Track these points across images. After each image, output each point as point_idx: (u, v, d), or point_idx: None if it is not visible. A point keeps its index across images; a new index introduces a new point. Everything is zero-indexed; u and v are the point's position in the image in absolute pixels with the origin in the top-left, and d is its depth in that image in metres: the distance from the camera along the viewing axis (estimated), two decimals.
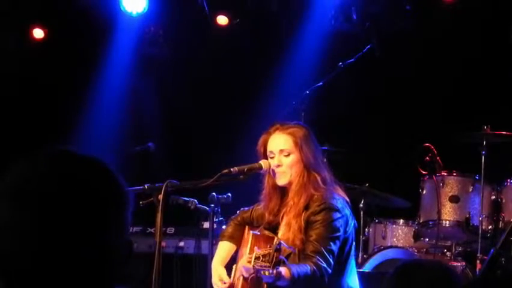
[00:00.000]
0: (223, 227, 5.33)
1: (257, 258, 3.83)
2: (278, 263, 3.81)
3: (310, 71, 7.46)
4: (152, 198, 4.01)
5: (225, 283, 4.16)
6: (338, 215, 4.04)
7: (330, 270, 3.95)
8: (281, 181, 4.15)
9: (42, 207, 1.47)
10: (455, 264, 6.02)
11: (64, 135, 7.80)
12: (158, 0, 8.11)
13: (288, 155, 4.12)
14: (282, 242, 3.84)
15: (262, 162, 4.18)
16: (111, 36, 8.19)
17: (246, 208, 4.41)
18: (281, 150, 4.13)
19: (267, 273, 3.66)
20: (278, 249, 3.79)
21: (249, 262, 3.84)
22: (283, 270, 3.74)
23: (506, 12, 7.25)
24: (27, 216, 1.47)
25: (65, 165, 1.53)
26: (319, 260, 3.92)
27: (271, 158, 4.16)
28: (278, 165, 4.13)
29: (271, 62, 7.91)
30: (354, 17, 7.69)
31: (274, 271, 3.68)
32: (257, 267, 3.73)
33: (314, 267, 3.89)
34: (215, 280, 4.23)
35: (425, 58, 7.58)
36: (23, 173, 1.52)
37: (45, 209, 1.47)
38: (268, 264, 3.78)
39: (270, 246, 3.85)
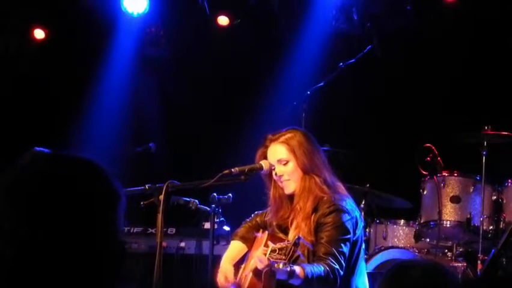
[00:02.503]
0: (224, 227, 5.34)
1: (273, 251, 3.72)
2: (294, 257, 3.75)
3: (311, 72, 7.46)
4: (153, 199, 4.00)
5: (229, 282, 4.14)
6: (348, 216, 4.05)
7: (342, 272, 3.94)
8: (288, 190, 4.18)
9: (30, 207, 1.50)
10: (456, 264, 6.02)
11: (65, 135, 7.79)
12: (159, 0, 8.11)
13: (286, 164, 4.15)
14: (301, 236, 3.77)
15: (263, 162, 4.20)
16: (112, 36, 8.18)
17: (260, 212, 4.41)
18: (279, 161, 4.16)
19: (281, 265, 3.59)
20: (297, 244, 3.70)
21: (264, 254, 3.74)
22: (297, 268, 3.70)
23: (507, 12, 7.25)
24: (16, 215, 1.49)
25: (53, 166, 1.56)
26: (332, 262, 3.90)
27: (273, 169, 4.19)
28: (281, 176, 4.16)
29: (272, 63, 7.90)
30: (355, 17, 7.69)
31: (289, 268, 3.62)
32: (271, 259, 3.64)
33: (328, 269, 3.87)
34: (220, 278, 4.20)
35: (426, 58, 7.58)
36: (12, 174, 1.55)
37: (33, 209, 1.49)
38: (284, 257, 3.68)
39: (289, 241, 3.78)
